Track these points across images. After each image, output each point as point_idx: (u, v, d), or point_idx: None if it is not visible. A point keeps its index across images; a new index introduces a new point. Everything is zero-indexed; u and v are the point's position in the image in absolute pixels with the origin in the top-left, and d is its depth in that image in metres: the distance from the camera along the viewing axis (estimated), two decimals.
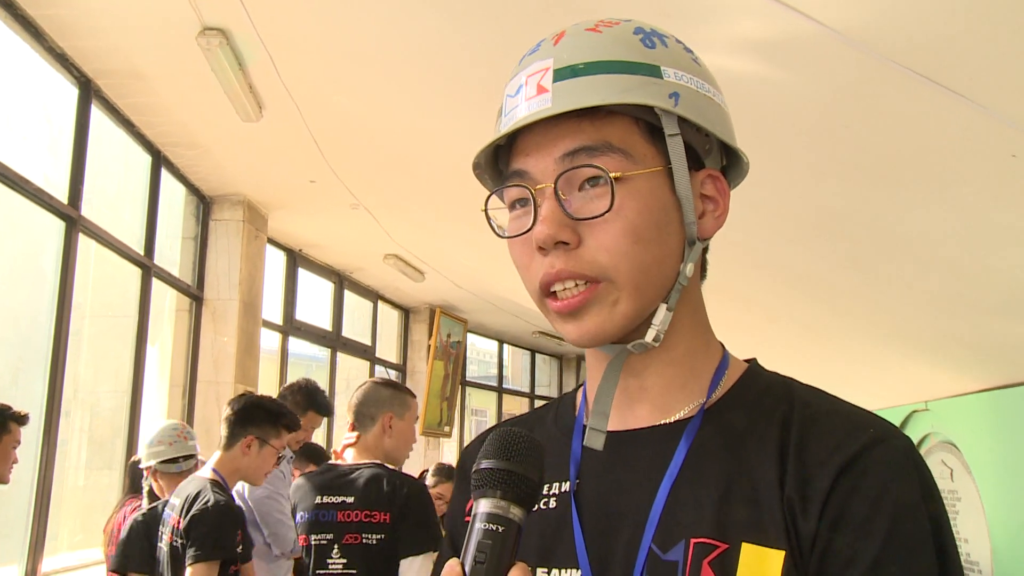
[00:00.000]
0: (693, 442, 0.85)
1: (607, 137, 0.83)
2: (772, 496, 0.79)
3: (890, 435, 0.80)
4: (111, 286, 5.68)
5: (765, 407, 0.86)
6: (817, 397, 0.87)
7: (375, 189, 6.29)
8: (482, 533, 0.74)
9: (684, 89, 0.85)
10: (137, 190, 5.68)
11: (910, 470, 0.78)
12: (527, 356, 13.52)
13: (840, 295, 4.29)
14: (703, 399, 0.88)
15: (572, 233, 0.82)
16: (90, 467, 5.46)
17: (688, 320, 0.90)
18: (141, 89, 4.80)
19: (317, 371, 9.26)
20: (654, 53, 0.86)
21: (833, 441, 0.79)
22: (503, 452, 0.77)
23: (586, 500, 0.88)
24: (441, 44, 3.65)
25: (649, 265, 0.84)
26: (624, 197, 0.82)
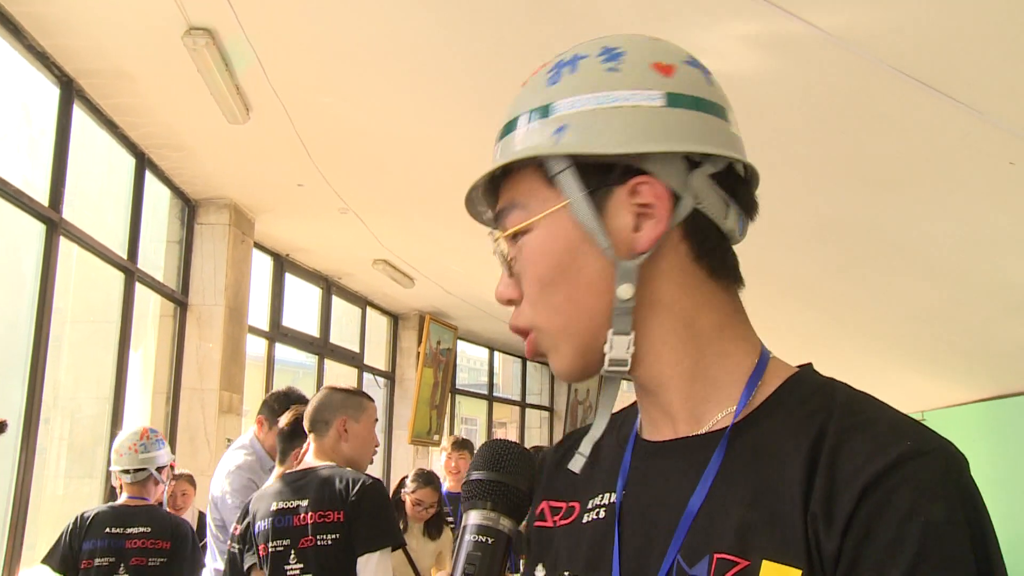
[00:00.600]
0: (726, 454, 0.83)
1: (513, 196, 0.87)
2: (796, 511, 0.75)
3: (930, 448, 0.74)
4: (93, 291, 5.64)
5: (803, 416, 0.81)
6: (860, 403, 0.81)
7: (364, 193, 6.28)
8: (472, 545, 0.74)
9: (575, 116, 0.84)
10: (120, 193, 5.65)
11: (948, 487, 0.72)
12: (518, 364, 13.50)
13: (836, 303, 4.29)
14: (732, 407, 0.85)
15: (515, 290, 0.88)
16: (70, 476, 5.42)
17: (682, 333, 0.87)
18: (125, 89, 4.78)
19: (304, 378, 9.22)
20: (553, 89, 0.86)
21: (864, 454, 0.74)
22: (492, 463, 0.78)
23: (629, 512, 0.88)
24: (432, 46, 3.64)
25: (562, 305, 0.85)
26: (524, 249, 0.86)
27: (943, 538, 0.69)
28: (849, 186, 3.07)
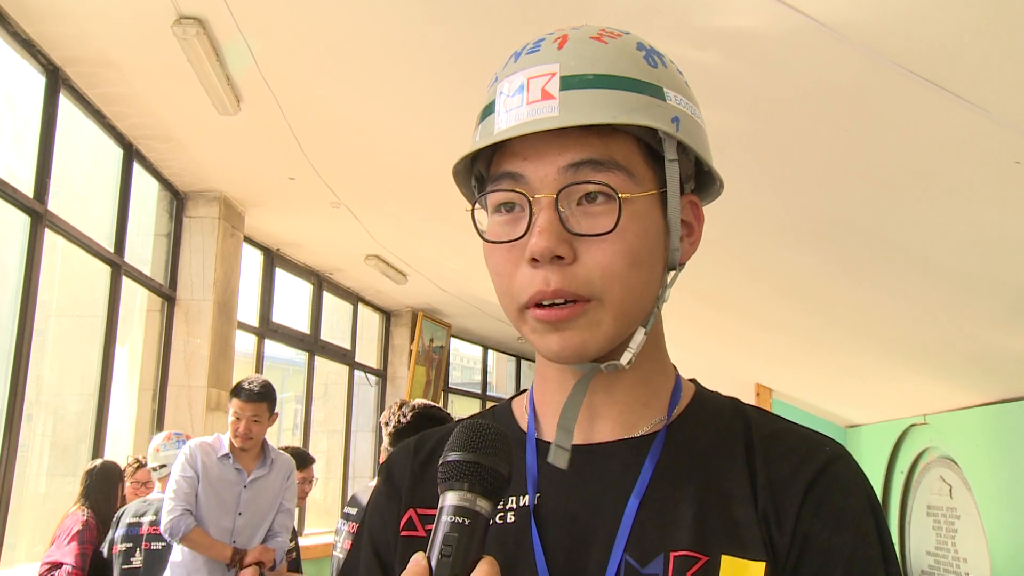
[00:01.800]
0: (660, 457, 0.89)
1: (613, 154, 0.85)
2: (747, 510, 0.85)
3: (841, 454, 0.89)
4: (78, 284, 5.64)
5: (723, 424, 0.92)
6: (765, 416, 0.94)
7: (357, 187, 6.27)
8: (448, 526, 0.75)
9: (682, 114, 0.88)
10: (107, 184, 5.65)
11: (863, 481, 0.88)
12: (512, 362, 13.52)
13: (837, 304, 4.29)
14: (663, 416, 0.92)
15: (569, 248, 0.83)
16: (52, 474, 5.42)
17: (651, 341, 0.93)
18: (112, 79, 4.77)
19: (294, 375, 9.23)
20: (657, 73, 0.88)
21: (796, 459, 0.87)
22: (470, 444, 0.78)
23: (549, 517, 0.89)
24: (427, 38, 3.65)
25: (637, 290, 0.86)
26: (625, 218, 0.84)
27: (866, 517, 0.85)
28: (850, 185, 3.08)
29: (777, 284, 4.27)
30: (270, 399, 4.08)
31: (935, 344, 4.33)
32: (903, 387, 5.20)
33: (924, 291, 3.67)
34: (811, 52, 2.54)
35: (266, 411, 4.07)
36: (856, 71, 2.50)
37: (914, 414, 5.33)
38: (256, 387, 4.03)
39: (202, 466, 3.99)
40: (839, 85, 2.62)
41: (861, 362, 5.13)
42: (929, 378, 4.85)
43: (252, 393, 4.01)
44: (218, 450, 4.08)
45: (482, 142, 0.89)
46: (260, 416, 4.05)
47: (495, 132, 0.87)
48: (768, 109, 2.81)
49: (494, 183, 0.89)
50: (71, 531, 4.13)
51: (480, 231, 0.91)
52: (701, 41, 2.61)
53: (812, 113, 2.80)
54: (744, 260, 3.87)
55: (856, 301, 4.13)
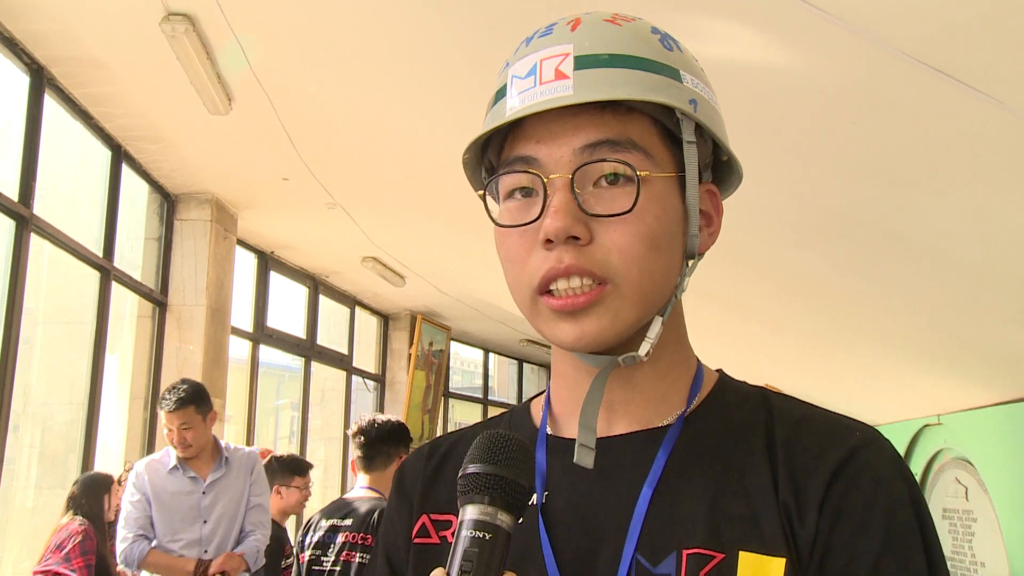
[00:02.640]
0: (674, 448, 0.87)
1: (630, 134, 0.85)
2: (767, 502, 0.82)
3: (873, 439, 0.85)
4: (66, 290, 5.63)
5: (745, 413, 0.89)
6: (793, 403, 0.91)
7: (352, 187, 6.26)
8: (468, 541, 0.74)
9: (699, 97, 0.88)
10: (95, 187, 5.64)
11: (899, 471, 0.83)
12: (514, 366, 13.50)
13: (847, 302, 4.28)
14: (682, 409, 0.91)
15: (585, 229, 0.83)
16: (40, 486, 5.41)
17: (672, 332, 0.92)
18: (100, 78, 4.76)
19: (290, 381, 9.22)
20: (672, 56, 0.88)
21: (819, 446, 0.84)
22: (491, 456, 0.78)
23: (558, 514, 0.89)
24: (423, 34, 3.63)
25: (656, 275, 0.85)
26: (644, 199, 0.83)
27: (900, 517, 0.80)
28: (861, 179, 3.06)
29: (785, 282, 4.25)
30: (194, 402, 4.04)
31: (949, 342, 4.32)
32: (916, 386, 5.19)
33: (937, 288, 3.66)
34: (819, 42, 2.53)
35: (194, 414, 4.04)
36: (865, 61, 2.49)
37: (928, 414, 5.32)
38: (175, 396, 4.01)
39: (151, 485, 4.00)
40: (848, 76, 2.61)
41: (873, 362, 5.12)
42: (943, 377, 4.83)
43: (171, 402, 3.99)
44: (167, 463, 4.08)
45: (493, 123, 0.88)
46: (189, 422, 4.02)
47: (507, 114, 0.86)
48: (775, 101, 2.80)
49: (507, 166, 0.88)
50: (72, 542, 4.11)
51: (491, 215, 0.90)
52: (706, 34, 2.60)
53: (820, 105, 2.79)
54: (751, 258, 3.85)
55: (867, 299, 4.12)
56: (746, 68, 2.68)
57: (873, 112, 2.69)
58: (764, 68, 2.71)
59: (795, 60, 2.66)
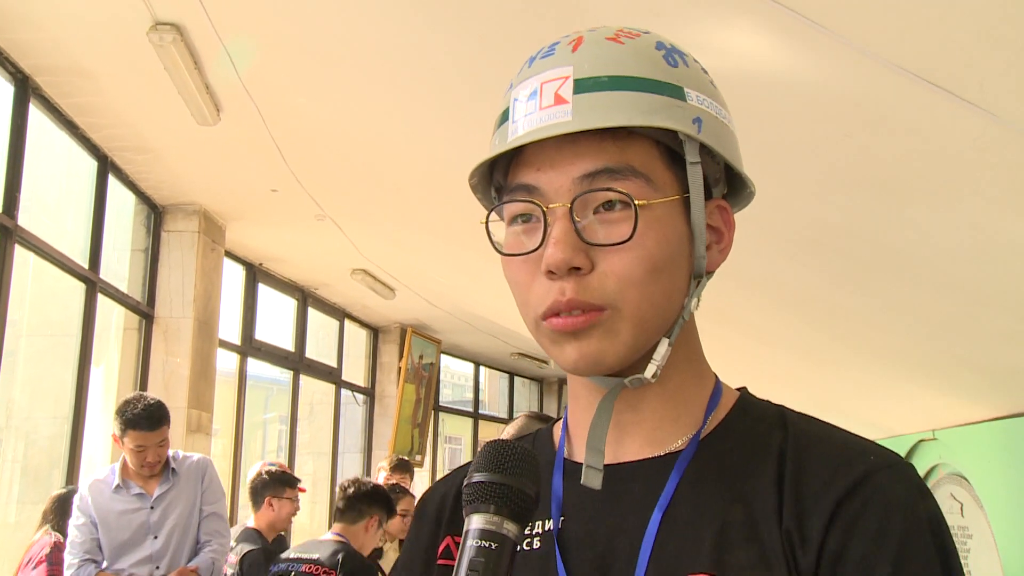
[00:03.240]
0: (685, 473, 0.86)
1: (630, 160, 0.84)
2: (771, 530, 0.81)
3: (890, 463, 0.83)
4: (51, 302, 5.60)
5: (759, 436, 0.88)
6: (811, 424, 0.90)
7: (342, 199, 6.25)
8: (474, 550, 0.74)
9: (705, 114, 0.87)
10: (81, 198, 5.62)
11: (913, 501, 0.80)
12: (505, 379, 13.48)
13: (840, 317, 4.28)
14: (696, 430, 0.90)
15: (585, 258, 0.83)
16: (23, 501, 5.37)
17: (683, 352, 0.92)
18: (86, 88, 4.75)
19: (278, 395, 9.18)
20: (677, 72, 0.88)
21: (829, 470, 0.82)
22: (496, 465, 0.78)
23: (573, 540, 0.88)
24: (414, 44, 3.63)
25: (657, 298, 0.85)
26: (644, 226, 0.83)
27: (912, 556, 0.77)
28: (854, 192, 3.06)
29: (778, 297, 4.25)
30: (168, 417, 3.97)
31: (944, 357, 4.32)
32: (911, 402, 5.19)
33: (931, 302, 3.66)
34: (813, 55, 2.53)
35: (168, 430, 3.97)
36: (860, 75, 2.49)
37: (923, 429, 5.31)
38: (152, 413, 3.89)
39: (95, 507, 3.91)
40: (842, 89, 2.61)
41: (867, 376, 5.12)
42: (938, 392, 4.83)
43: (153, 420, 3.88)
44: (111, 483, 3.98)
45: (495, 150, 0.89)
46: (166, 439, 3.96)
47: (508, 140, 0.87)
48: (769, 114, 2.80)
49: (509, 194, 0.89)
50: (41, 554, 4.12)
51: (495, 244, 0.91)
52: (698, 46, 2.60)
53: (814, 118, 2.79)
54: (744, 272, 3.85)
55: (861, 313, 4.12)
56: (740, 80, 2.68)
57: (868, 125, 2.69)
58: (758, 81, 2.71)
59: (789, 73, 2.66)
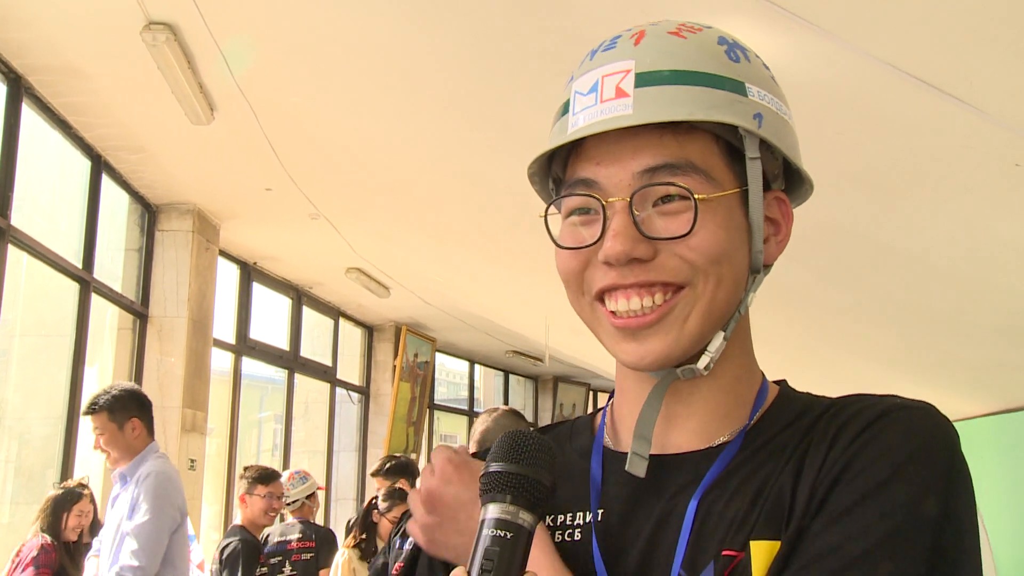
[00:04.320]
0: (727, 466, 0.87)
1: (689, 155, 0.84)
2: (787, 492, 0.81)
3: (916, 406, 0.82)
4: (44, 302, 5.58)
5: (799, 427, 0.88)
6: (847, 396, 0.89)
7: (336, 198, 6.25)
8: (490, 540, 0.74)
9: (766, 110, 0.87)
10: (74, 197, 5.60)
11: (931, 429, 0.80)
12: (500, 377, 13.47)
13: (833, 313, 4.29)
14: (743, 425, 0.90)
15: (646, 248, 0.83)
16: (16, 502, 5.35)
17: (738, 348, 0.92)
18: (79, 87, 4.74)
19: (273, 394, 9.17)
20: (738, 68, 0.88)
21: (852, 414, 0.82)
22: (512, 454, 0.78)
23: (614, 532, 0.88)
24: (408, 42, 3.63)
25: (725, 279, 0.86)
26: (703, 219, 0.83)
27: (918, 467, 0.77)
28: (846, 189, 3.07)
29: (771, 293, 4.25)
30: (105, 408, 3.69)
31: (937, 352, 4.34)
32: None
33: (923, 299, 3.67)
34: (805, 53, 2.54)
35: (105, 421, 3.68)
36: (851, 73, 2.50)
37: None
38: (91, 399, 3.74)
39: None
40: (834, 87, 2.62)
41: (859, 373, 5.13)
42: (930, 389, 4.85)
43: (88, 406, 3.73)
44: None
45: (554, 142, 0.88)
46: (99, 427, 3.69)
47: (568, 132, 0.87)
48: None
49: (568, 188, 0.89)
50: (29, 556, 4.14)
51: (553, 238, 0.91)
52: None
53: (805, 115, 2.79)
54: None
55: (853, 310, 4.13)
56: None
57: (859, 123, 2.70)
58: None
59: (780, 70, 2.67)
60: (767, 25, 2.46)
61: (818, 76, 2.61)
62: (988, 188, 2.75)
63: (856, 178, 2.97)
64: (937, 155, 2.70)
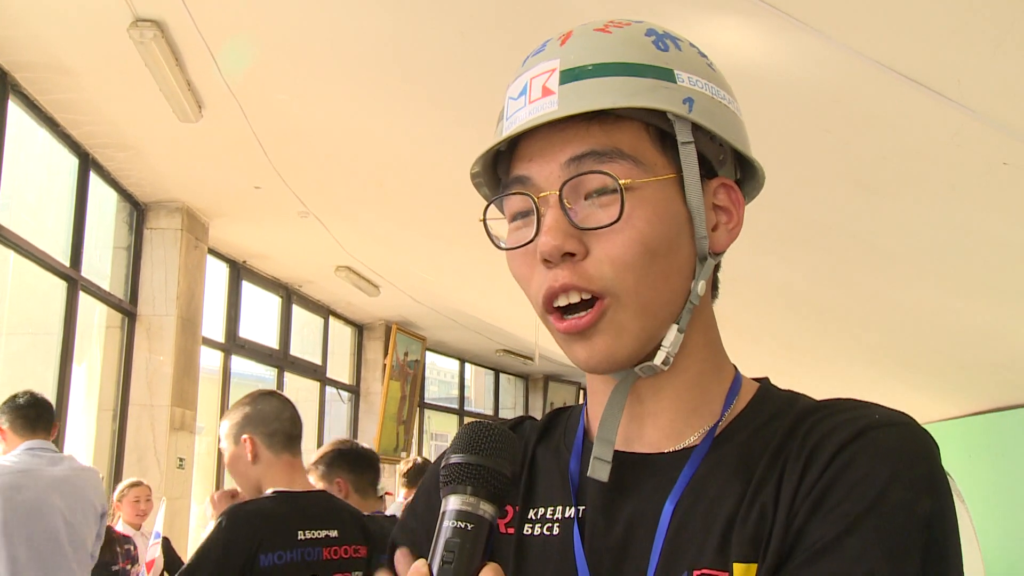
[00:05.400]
0: (698, 469, 0.85)
1: (616, 143, 0.84)
2: (769, 509, 0.79)
3: (896, 421, 0.79)
4: (32, 301, 5.56)
5: (772, 428, 0.86)
6: (822, 401, 0.87)
7: (325, 196, 6.23)
8: (451, 531, 0.74)
9: (698, 94, 0.87)
10: (62, 195, 5.58)
11: (911, 452, 0.77)
12: (490, 376, 13.48)
13: (822, 311, 4.30)
14: (713, 423, 0.89)
15: (579, 244, 0.83)
16: None
17: (700, 340, 0.91)
18: (66, 84, 4.71)
19: None
20: (667, 56, 0.87)
21: (829, 428, 0.80)
22: (472, 445, 0.78)
23: (590, 528, 0.88)
24: (396, 41, 3.62)
25: (656, 281, 0.84)
26: (634, 206, 0.82)
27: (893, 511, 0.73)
28: (835, 187, 3.08)
29: (758, 290, 4.26)
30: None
31: (924, 351, 4.35)
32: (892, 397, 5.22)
33: (912, 297, 3.68)
34: (793, 51, 2.54)
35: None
36: (839, 71, 2.50)
37: None
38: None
39: None
40: (822, 86, 2.62)
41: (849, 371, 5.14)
42: (918, 387, 4.86)
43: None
44: None
45: (487, 148, 0.89)
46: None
47: (501, 136, 0.87)
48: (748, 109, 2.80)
49: (504, 189, 0.89)
50: None
51: (493, 239, 0.91)
52: None
53: (794, 113, 2.80)
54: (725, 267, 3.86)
55: (841, 307, 4.14)
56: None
57: (847, 121, 2.70)
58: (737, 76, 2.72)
59: (769, 69, 2.67)
60: (754, 23, 2.46)
61: (807, 74, 2.62)
62: (975, 186, 2.76)
63: (843, 176, 2.98)
64: (924, 153, 2.71)
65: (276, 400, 2.93)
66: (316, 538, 2.68)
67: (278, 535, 2.58)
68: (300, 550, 2.64)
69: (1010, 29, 2.06)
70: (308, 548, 2.66)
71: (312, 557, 2.66)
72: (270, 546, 2.55)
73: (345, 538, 2.73)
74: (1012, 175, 2.56)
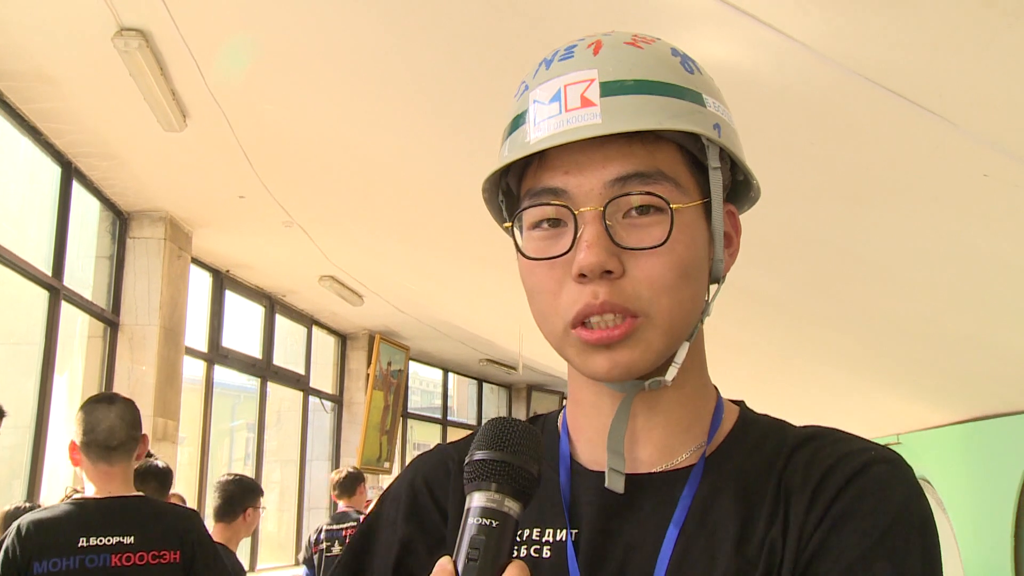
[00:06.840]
0: (697, 492, 0.86)
1: (659, 164, 0.84)
2: (779, 548, 0.81)
3: (889, 459, 0.83)
4: (13, 310, 5.51)
5: (766, 453, 0.88)
6: (811, 428, 0.90)
7: (310, 206, 6.22)
8: (475, 528, 0.74)
9: (722, 121, 0.88)
10: (44, 204, 5.54)
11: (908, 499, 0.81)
12: (474, 386, 13.46)
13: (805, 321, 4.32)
14: (703, 441, 0.90)
15: (618, 262, 0.82)
16: None
17: (696, 359, 0.92)
18: (49, 93, 4.68)
19: (246, 402, 9.10)
20: (694, 79, 0.88)
21: (828, 466, 0.83)
22: (498, 441, 0.77)
23: (584, 552, 0.86)
24: (382, 50, 3.62)
25: (686, 303, 0.85)
26: (676, 230, 0.83)
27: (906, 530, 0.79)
28: (817, 199, 3.10)
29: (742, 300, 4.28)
30: None
31: (907, 361, 4.38)
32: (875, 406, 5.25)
33: (895, 307, 3.70)
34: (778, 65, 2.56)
35: None
36: (822, 83, 2.52)
37: (887, 433, 5.38)
38: None
39: None
40: (806, 98, 2.64)
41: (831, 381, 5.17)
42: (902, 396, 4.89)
43: None
44: None
45: (516, 153, 0.86)
46: None
47: (531, 142, 0.84)
48: None
49: (533, 198, 0.86)
50: None
51: (520, 249, 0.88)
52: None
53: (778, 126, 2.82)
54: None
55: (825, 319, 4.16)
56: None
57: (830, 133, 2.72)
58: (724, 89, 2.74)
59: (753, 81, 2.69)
60: (737, 35, 2.48)
61: (790, 87, 2.63)
62: (957, 198, 2.78)
63: (827, 188, 3.00)
64: (906, 165, 2.73)
65: (100, 410, 2.93)
66: (102, 544, 2.62)
67: (56, 543, 2.56)
68: (79, 557, 2.59)
69: (990, 44, 2.08)
70: (92, 555, 2.61)
71: (96, 564, 2.61)
72: (46, 553, 2.53)
73: (144, 544, 2.65)
74: (992, 186, 2.58)
